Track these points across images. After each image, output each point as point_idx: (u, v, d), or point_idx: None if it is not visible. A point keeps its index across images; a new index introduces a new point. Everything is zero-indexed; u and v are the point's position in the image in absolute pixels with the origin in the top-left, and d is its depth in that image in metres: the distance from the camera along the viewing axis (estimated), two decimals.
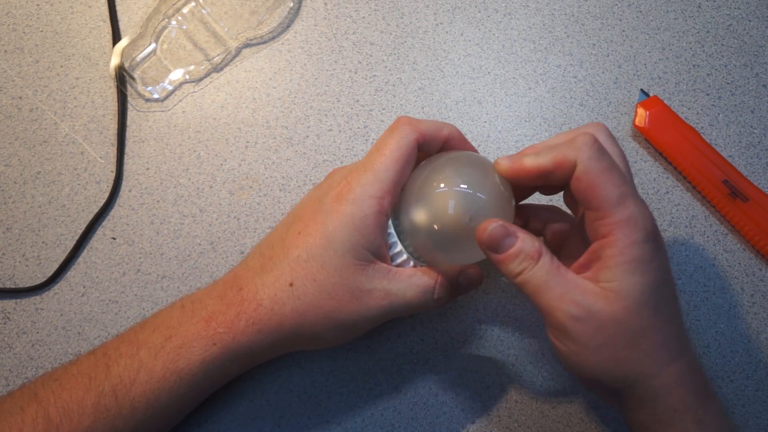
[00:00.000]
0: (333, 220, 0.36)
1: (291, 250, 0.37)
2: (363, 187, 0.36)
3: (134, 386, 0.36)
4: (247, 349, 0.37)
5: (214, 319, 0.37)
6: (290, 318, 0.36)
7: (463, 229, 0.36)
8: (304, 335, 0.37)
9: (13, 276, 0.46)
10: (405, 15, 0.51)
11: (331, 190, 0.37)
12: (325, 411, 0.44)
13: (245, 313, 0.37)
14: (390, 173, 0.36)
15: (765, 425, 0.43)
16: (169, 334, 0.37)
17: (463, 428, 0.43)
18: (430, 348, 0.45)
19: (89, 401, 0.36)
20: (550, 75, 0.50)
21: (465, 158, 0.38)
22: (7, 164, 0.48)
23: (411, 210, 0.37)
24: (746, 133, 0.48)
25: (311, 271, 0.36)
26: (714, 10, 0.51)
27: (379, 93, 0.49)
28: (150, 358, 0.36)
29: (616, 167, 0.33)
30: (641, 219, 0.32)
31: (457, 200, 0.36)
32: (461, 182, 0.36)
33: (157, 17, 0.49)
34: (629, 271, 0.32)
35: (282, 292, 0.36)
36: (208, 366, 0.37)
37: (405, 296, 0.37)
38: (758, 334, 0.45)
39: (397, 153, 0.37)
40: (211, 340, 0.36)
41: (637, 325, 0.32)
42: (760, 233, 0.45)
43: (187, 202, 0.47)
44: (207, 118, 0.49)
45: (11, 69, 0.50)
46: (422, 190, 0.37)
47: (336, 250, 0.36)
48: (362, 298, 0.36)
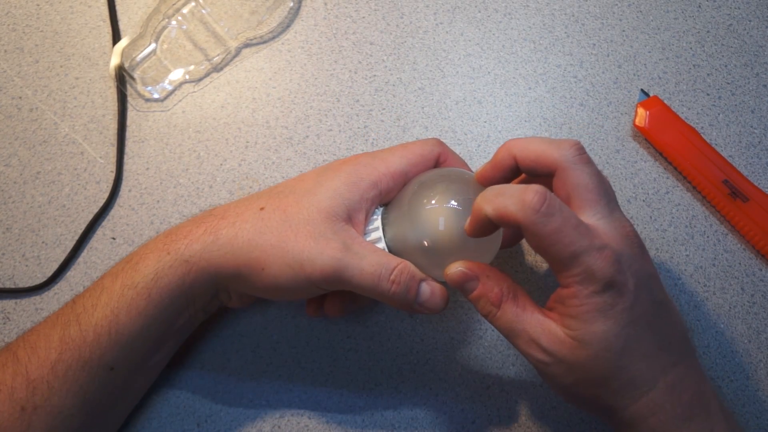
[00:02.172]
0: (329, 173, 0.38)
1: (277, 188, 0.39)
2: (372, 159, 0.38)
3: (96, 310, 0.36)
4: (198, 257, 0.36)
5: (174, 232, 0.38)
6: (247, 234, 0.36)
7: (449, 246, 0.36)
8: (253, 259, 0.36)
9: (13, 276, 0.46)
10: (405, 15, 0.51)
11: (342, 159, 0.40)
12: (325, 411, 0.44)
13: (206, 223, 0.37)
14: (402, 161, 0.38)
15: (765, 425, 0.43)
16: (131, 257, 0.38)
17: (463, 428, 0.43)
18: (430, 348, 0.45)
19: (55, 335, 0.36)
20: (550, 75, 0.50)
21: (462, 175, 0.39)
22: (7, 164, 0.48)
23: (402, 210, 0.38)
24: (746, 133, 0.48)
25: (284, 203, 0.37)
26: (714, 10, 0.51)
27: (379, 93, 0.49)
28: (111, 282, 0.37)
29: (565, 225, 0.32)
30: (597, 271, 0.32)
31: (448, 218, 0.36)
32: (452, 199, 0.37)
33: (157, 17, 0.49)
34: (589, 321, 0.32)
35: (250, 211, 0.37)
36: (161, 276, 0.36)
37: (361, 261, 0.36)
38: (758, 334, 0.45)
39: (418, 152, 0.39)
40: (165, 250, 0.37)
41: (604, 369, 0.33)
42: (760, 233, 0.45)
43: (187, 202, 0.47)
44: (207, 118, 0.49)
45: (11, 69, 0.50)
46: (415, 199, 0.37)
47: (316, 194, 0.37)
48: (320, 241, 0.36)
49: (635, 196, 0.47)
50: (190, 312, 0.39)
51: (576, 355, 0.33)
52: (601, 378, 0.33)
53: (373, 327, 0.45)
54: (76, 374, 0.36)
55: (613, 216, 0.34)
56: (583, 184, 0.34)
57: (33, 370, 0.35)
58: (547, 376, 0.35)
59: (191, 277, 0.37)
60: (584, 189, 0.34)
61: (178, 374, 0.43)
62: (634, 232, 0.35)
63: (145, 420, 0.43)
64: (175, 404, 0.43)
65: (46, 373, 0.35)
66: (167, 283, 0.36)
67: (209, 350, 0.44)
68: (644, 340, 0.33)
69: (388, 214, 0.39)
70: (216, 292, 0.39)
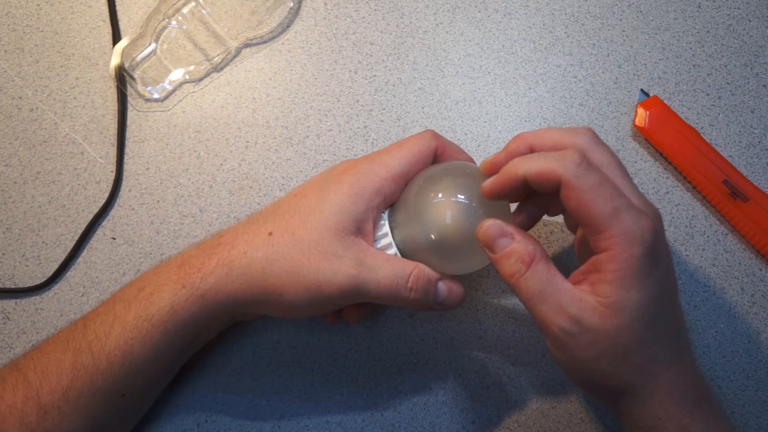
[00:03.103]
0: (331, 186, 0.38)
1: (281, 207, 0.39)
2: (371, 165, 0.38)
3: (109, 339, 0.36)
4: (214, 290, 0.36)
5: (187, 263, 0.37)
6: (259, 263, 0.36)
7: (458, 239, 0.36)
8: (269, 287, 0.36)
9: (13, 276, 0.46)
10: (405, 15, 0.51)
11: (340, 167, 0.39)
12: (325, 411, 0.44)
13: (217, 255, 0.37)
14: (401, 162, 0.38)
15: (765, 425, 0.43)
16: (143, 285, 0.37)
17: (463, 428, 0.43)
18: (430, 348, 0.45)
19: (67, 360, 0.36)
20: (550, 75, 0.50)
21: (467, 168, 0.39)
22: (7, 164, 0.48)
23: (408, 210, 0.37)
24: (746, 133, 0.48)
25: (292, 225, 0.37)
26: (714, 10, 0.51)
27: (379, 93, 0.49)
28: (124, 310, 0.37)
29: (606, 181, 0.32)
30: (639, 232, 0.31)
31: (455, 211, 0.36)
32: (458, 193, 0.37)
33: (157, 17, 0.49)
34: (626, 287, 0.32)
35: (259, 238, 0.37)
36: (177, 310, 0.36)
37: (377, 274, 0.36)
38: (758, 334, 0.45)
39: (415, 149, 0.38)
40: (180, 283, 0.37)
41: (630, 341, 0.32)
42: (760, 233, 0.45)
43: (187, 202, 0.47)
44: (207, 118, 0.49)
45: (11, 69, 0.50)
46: (422, 194, 0.37)
47: (322, 211, 0.37)
48: (333, 261, 0.36)
49: None
50: (204, 338, 0.40)
51: (606, 324, 0.32)
52: (624, 351, 0.33)
53: (373, 327, 0.45)
54: (88, 401, 0.36)
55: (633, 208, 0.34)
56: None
57: (44, 395, 0.35)
58: (568, 349, 0.33)
59: (207, 310, 0.37)
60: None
61: (178, 374, 0.43)
62: (659, 215, 0.35)
63: (145, 420, 0.43)
64: (175, 404, 0.43)
65: (57, 398, 0.35)
66: (183, 317, 0.37)
67: (209, 350, 0.44)
68: (667, 318, 0.33)
69: (394, 216, 0.39)
70: (233, 317, 0.40)
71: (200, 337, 0.40)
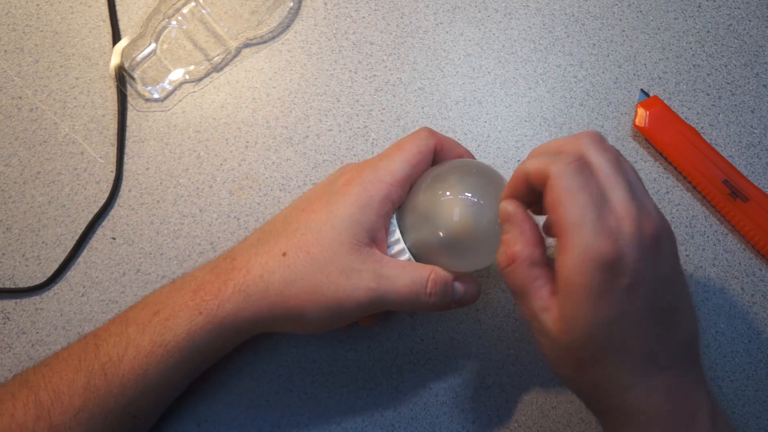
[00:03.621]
0: (338, 198, 0.37)
1: (291, 224, 0.38)
2: (375, 172, 0.37)
3: (123, 363, 0.36)
4: (233, 317, 0.36)
5: (202, 288, 0.37)
6: (277, 285, 0.36)
7: (468, 235, 0.36)
8: (290, 308, 0.36)
9: (13, 276, 0.46)
10: (405, 15, 0.51)
11: (344, 176, 0.38)
12: (325, 411, 0.44)
13: (233, 280, 0.37)
14: (404, 166, 0.38)
15: (765, 425, 0.43)
16: (157, 309, 0.37)
17: (463, 428, 0.43)
18: (430, 348, 0.45)
19: (79, 382, 0.36)
20: (550, 75, 0.50)
21: (473, 166, 0.39)
22: (7, 164, 0.48)
23: (417, 212, 0.38)
24: (746, 133, 0.48)
25: (306, 243, 0.36)
26: (714, 10, 0.51)
27: (379, 93, 0.49)
28: (138, 334, 0.36)
29: (588, 187, 0.30)
30: (595, 248, 0.29)
31: (463, 208, 0.36)
32: (467, 190, 0.37)
33: (157, 17, 0.49)
34: (575, 302, 0.31)
35: (273, 260, 0.37)
36: (194, 337, 0.36)
37: (396, 284, 0.36)
38: (758, 334, 0.45)
39: (415, 150, 0.38)
40: (197, 309, 0.36)
41: (582, 356, 0.32)
42: (760, 233, 0.45)
43: (187, 202, 0.47)
44: (207, 118, 0.49)
45: (11, 69, 0.50)
46: (429, 194, 0.37)
47: (334, 226, 0.36)
48: (351, 277, 0.36)
49: None
50: (219, 357, 0.40)
51: (561, 336, 0.32)
52: (579, 364, 0.32)
53: (372, 327, 0.45)
54: (99, 423, 0.36)
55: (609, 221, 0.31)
56: None
57: (56, 416, 0.35)
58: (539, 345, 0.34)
59: (225, 335, 0.37)
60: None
61: None
62: (654, 232, 0.31)
63: None
64: (175, 404, 0.43)
65: (68, 420, 0.35)
66: (199, 343, 0.37)
67: None
68: (630, 341, 0.31)
69: (403, 220, 0.39)
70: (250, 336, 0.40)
71: (215, 358, 0.40)
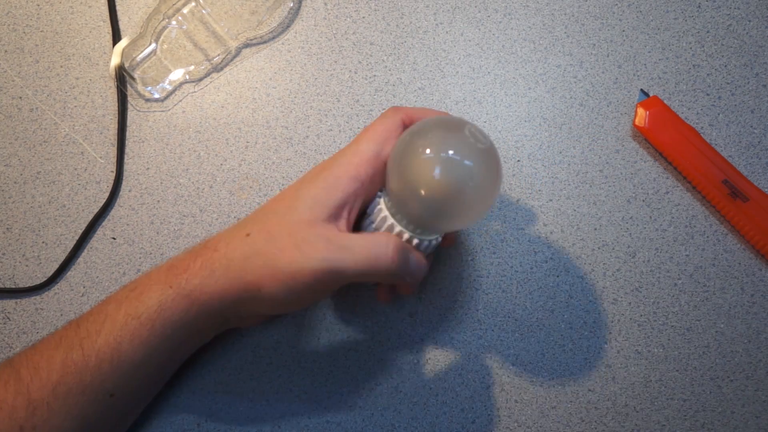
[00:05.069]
0: (306, 182, 0.39)
1: (261, 210, 0.40)
2: (343, 155, 0.39)
3: (99, 337, 0.37)
4: (199, 291, 0.37)
5: (175, 266, 0.38)
6: (238, 262, 0.37)
7: (451, 192, 0.36)
8: (248, 282, 0.37)
9: (13, 276, 0.46)
10: (405, 15, 0.51)
11: (319, 165, 0.40)
12: (325, 411, 0.44)
13: (201, 257, 0.38)
14: (370, 145, 0.39)
15: (765, 425, 0.43)
16: (134, 286, 0.38)
17: (463, 428, 0.43)
18: (429, 348, 0.45)
19: (58, 357, 0.36)
20: (550, 75, 0.50)
21: (445, 121, 0.38)
22: (7, 164, 0.48)
23: (396, 177, 0.37)
24: (746, 133, 0.48)
25: (267, 224, 0.38)
26: (714, 10, 0.51)
27: (379, 93, 0.49)
28: (114, 309, 0.38)
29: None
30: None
31: (443, 165, 0.36)
32: (444, 145, 0.36)
33: (157, 17, 0.49)
34: None
35: (237, 239, 0.38)
36: (164, 309, 0.37)
37: (352, 252, 0.36)
38: (758, 334, 0.45)
39: (381, 127, 0.39)
40: (167, 283, 0.37)
41: None
42: (760, 233, 0.45)
43: (187, 202, 0.47)
44: (207, 118, 0.49)
45: (11, 69, 0.50)
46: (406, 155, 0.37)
47: (296, 207, 0.37)
48: (303, 248, 0.36)
49: (635, 196, 0.47)
50: (196, 341, 0.41)
51: None
52: None
53: (373, 327, 0.45)
54: (77, 398, 0.36)
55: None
56: None
57: (34, 391, 0.36)
58: None
59: (194, 311, 0.38)
60: None
61: (178, 374, 0.43)
62: None
63: (145, 420, 0.43)
64: (175, 404, 0.43)
65: (46, 394, 0.36)
66: (170, 316, 0.37)
67: (210, 350, 0.44)
68: None
69: (388, 193, 0.39)
70: (225, 320, 0.40)
71: (191, 339, 0.40)
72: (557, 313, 0.45)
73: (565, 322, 0.45)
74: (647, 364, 0.45)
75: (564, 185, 0.47)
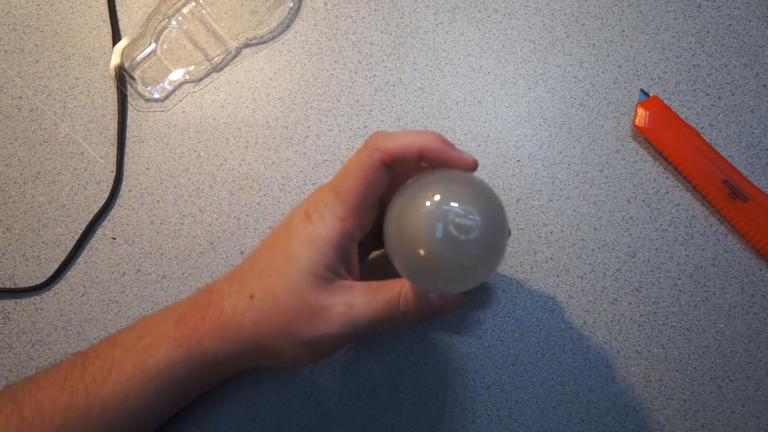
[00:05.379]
0: (297, 238, 0.36)
1: (257, 263, 0.38)
2: (327, 207, 0.36)
3: (105, 385, 0.36)
4: (211, 356, 0.37)
5: (183, 320, 0.37)
6: (248, 329, 0.36)
7: (452, 253, 0.32)
8: (266, 349, 0.37)
9: (13, 276, 0.46)
10: (405, 15, 0.51)
11: (300, 209, 0.38)
12: (325, 411, 0.44)
13: (209, 317, 0.37)
14: (353, 195, 0.36)
15: (765, 425, 0.43)
16: (143, 334, 0.38)
17: (463, 428, 0.43)
18: (430, 348, 0.45)
19: (62, 400, 0.36)
20: (550, 75, 0.50)
21: (454, 176, 0.35)
22: (7, 164, 0.48)
23: (395, 232, 0.34)
24: (746, 133, 0.48)
25: (271, 286, 0.36)
26: (714, 10, 0.51)
27: (379, 93, 0.49)
28: (122, 357, 0.37)
29: None
30: None
31: (446, 222, 0.32)
32: (451, 201, 0.33)
33: (157, 17, 0.49)
34: None
35: (242, 302, 0.37)
36: (174, 367, 0.37)
37: (368, 310, 0.36)
38: (758, 334, 0.45)
39: (360, 174, 0.36)
40: (177, 341, 0.37)
41: None
42: (760, 233, 0.45)
43: (187, 202, 0.47)
44: (207, 118, 0.49)
45: (11, 69, 0.50)
46: (406, 210, 0.34)
47: (297, 269, 0.36)
48: (323, 315, 0.36)
49: (635, 196, 0.47)
50: (203, 390, 0.41)
51: None
52: None
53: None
54: None
55: None
56: None
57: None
58: None
59: (206, 371, 0.38)
60: None
61: None
62: None
63: None
64: None
65: None
66: (180, 374, 0.37)
67: None
68: None
69: (386, 242, 0.35)
70: (237, 371, 0.41)
71: (200, 390, 0.41)
72: (557, 313, 0.45)
73: (565, 322, 0.45)
74: (647, 364, 0.45)
75: (564, 185, 0.47)
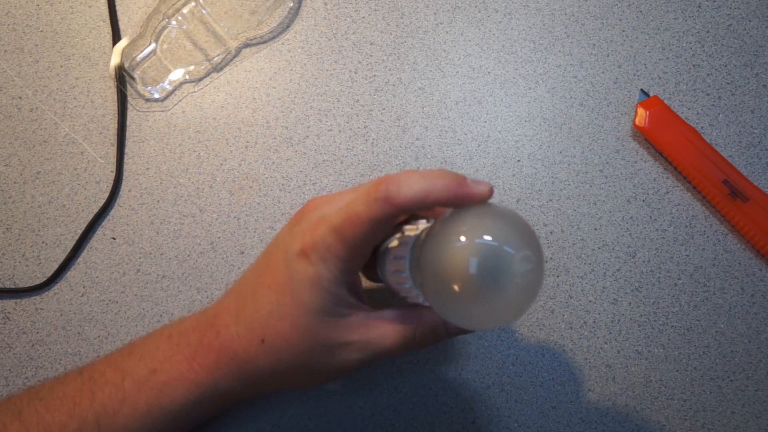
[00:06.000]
0: (299, 280, 0.35)
1: (262, 304, 0.36)
2: (328, 249, 0.34)
3: (117, 417, 0.36)
4: (228, 395, 0.37)
5: (196, 360, 0.37)
6: (265, 372, 0.36)
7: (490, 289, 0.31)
8: (281, 386, 0.38)
9: (13, 276, 0.46)
10: (405, 15, 0.51)
11: (295, 241, 0.35)
12: (325, 411, 0.44)
13: (223, 361, 0.37)
14: (359, 241, 0.34)
15: (765, 425, 0.43)
16: (154, 368, 0.37)
17: (463, 428, 0.43)
18: (430, 348, 0.45)
19: (71, 427, 0.36)
20: (550, 75, 0.50)
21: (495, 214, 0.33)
22: (7, 164, 0.48)
23: (429, 264, 0.32)
24: (746, 133, 0.48)
25: (282, 330, 0.35)
26: (714, 10, 0.51)
27: (379, 93, 0.49)
28: (134, 390, 0.36)
29: None
30: None
31: (482, 258, 0.31)
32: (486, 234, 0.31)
33: (157, 17, 0.49)
34: None
35: (254, 347, 0.36)
36: (191, 406, 0.37)
37: (384, 344, 0.36)
38: (758, 334, 0.45)
39: (369, 226, 0.33)
40: (193, 382, 0.37)
41: None
42: (760, 233, 0.45)
43: (187, 202, 0.47)
44: (207, 118, 0.49)
45: (11, 69, 0.50)
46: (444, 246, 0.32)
47: (306, 312, 0.35)
48: (339, 353, 0.36)
49: (635, 196, 0.47)
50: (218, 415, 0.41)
51: None
52: None
53: None
54: None
55: None
56: None
57: None
58: None
59: (220, 404, 0.38)
60: None
61: None
62: None
63: None
64: None
65: None
66: (196, 414, 0.37)
67: None
68: None
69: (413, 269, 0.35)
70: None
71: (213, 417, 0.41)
72: (557, 313, 0.45)
73: (565, 322, 0.45)
74: (647, 364, 0.45)
75: (564, 185, 0.47)
